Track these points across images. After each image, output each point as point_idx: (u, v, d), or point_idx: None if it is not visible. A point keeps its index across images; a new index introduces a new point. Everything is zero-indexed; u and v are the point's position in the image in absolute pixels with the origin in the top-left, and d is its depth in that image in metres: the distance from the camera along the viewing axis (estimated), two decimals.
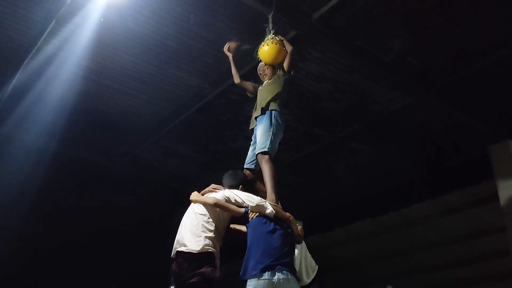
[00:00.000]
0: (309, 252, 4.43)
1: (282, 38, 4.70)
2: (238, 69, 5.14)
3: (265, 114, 4.44)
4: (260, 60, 4.78)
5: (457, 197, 8.54)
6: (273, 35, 4.64)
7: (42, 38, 5.49)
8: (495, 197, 7.16)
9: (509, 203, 6.83)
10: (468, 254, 10.15)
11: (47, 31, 5.43)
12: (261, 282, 3.44)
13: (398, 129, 7.33)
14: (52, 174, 7.74)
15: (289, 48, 4.74)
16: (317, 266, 4.31)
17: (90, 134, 7.42)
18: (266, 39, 4.65)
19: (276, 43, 4.58)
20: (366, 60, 5.91)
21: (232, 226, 4.05)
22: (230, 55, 5.14)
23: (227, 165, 7.39)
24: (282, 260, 3.56)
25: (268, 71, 4.85)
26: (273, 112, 4.42)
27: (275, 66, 4.80)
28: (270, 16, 4.80)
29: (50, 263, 11.39)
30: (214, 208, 3.82)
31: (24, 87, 6.24)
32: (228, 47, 5.20)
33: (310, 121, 7.33)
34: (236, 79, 5.06)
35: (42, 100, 6.42)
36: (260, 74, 4.93)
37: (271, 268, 3.48)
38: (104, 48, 5.81)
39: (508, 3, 5.16)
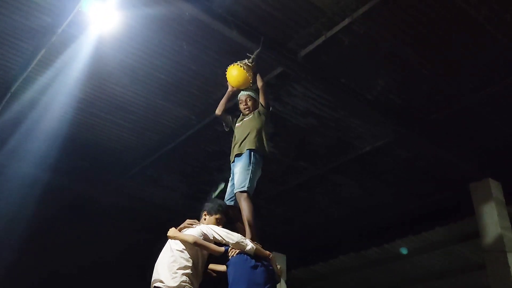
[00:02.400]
0: (293, 286, 4.38)
1: (251, 66, 4.67)
2: (228, 102, 4.92)
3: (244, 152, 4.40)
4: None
5: (439, 234, 8.63)
6: (247, 62, 4.66)
7: (31, 67, 5.53)
8: (476, 234, 7.25)
9: (489, 240, 6.91)
10: None
11: (36, 59, 5.47)
12: None
13: (381, 164, 7.44)
14: (42, 204, 7.72)
15: (260, 83, 4.77)
16: None
17: (77, 163, 7.41)
18: (238, 62, 4.66)
19: (243, 68, 4.59)
20: (350, 97, 6.04)
21: (210, 267, 4.01)
22: (231, 87, 4.85)
23: (211, 196, 7.43)
24: None
25: (250, 103, 4.72)
26: (252, 151, 4.39)
27: (256, 99, 4.81)
28: (256, 52, 4.90)
29: None
30: (193, 245, 3.78)
31: (17, 116, 6.27)
32: None
33: (295, 155, 7.41)
34: (219, 110, 4.83)
35: (34, 130, 6.45)
36: (241, 104, 4.76)
37: None
38: (94, 79, 5.87)
39: (489, 46, 5.35)
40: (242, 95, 4.77)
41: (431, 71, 5.71)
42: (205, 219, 4.08)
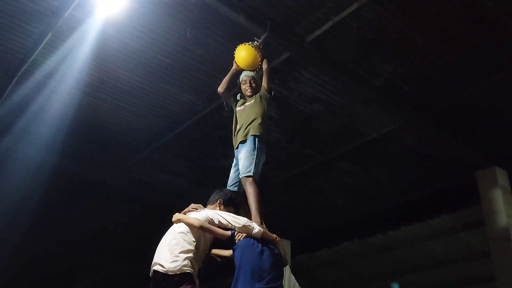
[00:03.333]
0: (297, 272, 4.39)
1: (260, 49, 4.70)
2: (231, 81, 4.88)
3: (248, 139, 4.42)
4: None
5: (444, 221, 8.62)
6: (256, 44, 4.69)
7: (38, 50, 5.52)
8: (481, 222, 7.24)
9: (495, 229, 6.91)
10: (453, 278, 10.21)
11: (43, 43, 5.46)
12: None
13: (387, 152, 7.42)
14: (49, 187, 7.79)
15: (265, 66, 4.76)
16: None
17: (83, 147, 7.43)
18: (249, 43, 4.68)
19: (254, 49, 4.62)
20: (357, 84, 6.00)
21: (213, 252, 4.02)
22: (236, 66, 4.83)
23: (217, 181, 7.46)
24: (272, 284, 3.51)
25: (254, 85, 4.71)
26: (257, 137, 4.41)
27: (258, 82, 4.80)
28: (262, 37, 4.88)
29: (46, 276, 11.43)
30: (198, 229, 3.77)
31: (24, 100, 6.28)
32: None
33: (301, 141, 7.40)
34: (222, 88, 4.82)
35: (41, 114, 6.46)
36: (244, 84, 4.74)
37: None
38: (100, 62, 5.85)
39: (497, 33, 5.29)
40: (246, 76, 4.76)
41: (440, 58, 5.66)
42: (219, 208, 4.07)
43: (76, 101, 6.44)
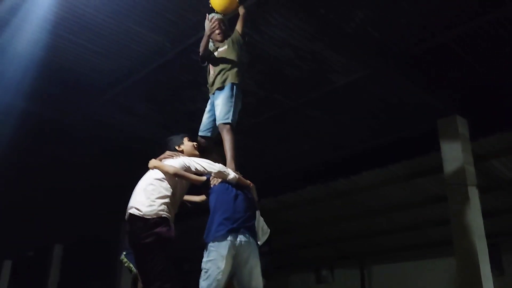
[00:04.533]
0: (261, 215, 4.52)
1: None
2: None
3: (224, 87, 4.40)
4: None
5: (404, 167, 8.93)
6: None
7: None
8: (440, 168, 7.54)
9: (452, 174, 7.21)
10: (411, 221, 10.72)
11: None
12: (223, 244, 3.48)
13: (354, 99, 7.50)
14: (15, 130, 7.59)
15: (242, 10, 4.69)
16: (269, 230, 4.37)
17: (47, 89, 7.18)
18: None
19: None
20: (328, 29, 5.96)
21: (184, 198, 4.09)
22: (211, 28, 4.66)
23: (184, 125, 7.42)
24: (246, 224, 3.64)
25: (224, 28, 4.68)
26: (235, 84, 4.40)
27: (227, 26, 4.72)
28: None
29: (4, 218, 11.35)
30: (173, 176, 3.82)
31: None
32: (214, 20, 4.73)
33: (269, 87, 7.37)
34: (204, 50, 4.68)
35: (4, 53, 6.19)
36: (215, 28, 4.65)
37: (235, 231, 3.55)
38: None
39: None
40: (216, 18, 4.67)
41: (410, 5, 5.65)
42: (183, 143, 4.13)
43: (40, 40, 6.12)
